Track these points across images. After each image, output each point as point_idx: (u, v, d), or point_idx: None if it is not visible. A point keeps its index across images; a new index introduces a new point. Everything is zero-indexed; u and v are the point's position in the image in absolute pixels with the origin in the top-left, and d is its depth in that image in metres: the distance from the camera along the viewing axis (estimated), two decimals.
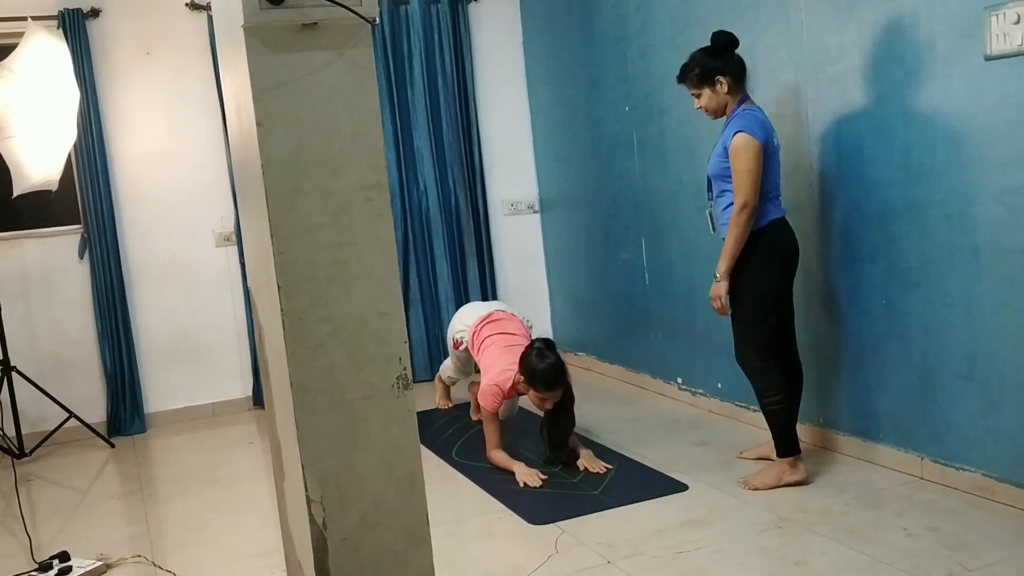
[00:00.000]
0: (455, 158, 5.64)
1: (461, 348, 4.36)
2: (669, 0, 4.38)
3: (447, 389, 4.93)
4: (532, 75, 5.83)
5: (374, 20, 1.79)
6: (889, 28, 3.26)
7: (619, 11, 4.79)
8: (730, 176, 3.32)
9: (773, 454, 3.59)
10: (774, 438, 3.43)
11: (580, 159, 5.43)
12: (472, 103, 5.68)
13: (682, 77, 3.47)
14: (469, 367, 4.54)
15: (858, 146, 3.47)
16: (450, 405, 4.93)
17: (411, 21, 5.51)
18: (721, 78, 3.35)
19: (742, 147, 3.26)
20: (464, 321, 4.36)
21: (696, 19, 4.21)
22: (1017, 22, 2.80)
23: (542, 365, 3.69)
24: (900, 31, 3.22)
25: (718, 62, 3.36)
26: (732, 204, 3.32)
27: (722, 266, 3.35)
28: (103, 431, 4.98)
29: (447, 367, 4.82)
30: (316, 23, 1.76)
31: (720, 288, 3.37)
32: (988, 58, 2.92)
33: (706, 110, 3.44)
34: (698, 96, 3.43)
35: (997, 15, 2.86)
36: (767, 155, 3.29)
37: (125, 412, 5.06)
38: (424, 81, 5.54)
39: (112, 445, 4.88)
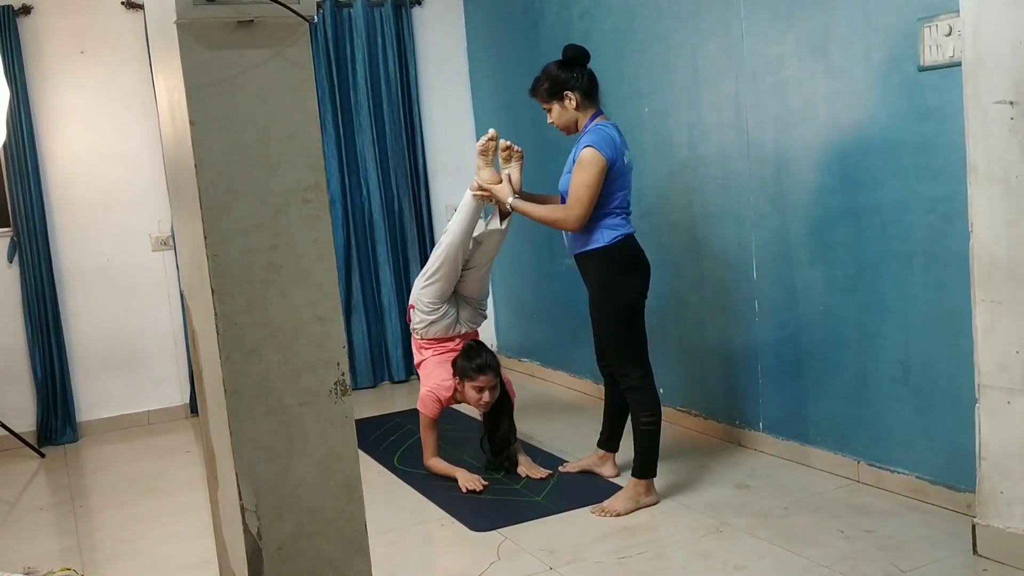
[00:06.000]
0: (399, 163, 5.60)
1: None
2: (612, 8, 4.41)
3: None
4: (476, 80, 5.82)
5: (312, 18, 1.76)
6: (827, 38, 3.31)
7: (563, 18, 4.81)
8: None
9: (599, 467, 3.70)
10: (641, 458, 3.35)
11: (524, 165, 5.42)
12: (416, 108, 5.65)
13: (533, 91, 3.39)
14: (458, 268, 3.87)
15: (796, 154, 3.52)
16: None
17: (354, 24, 5.46)
18: (570, 93, 3.29)
19: (588, 162, 3.20)
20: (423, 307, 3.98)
21: (638, 27, 4.24)
22: (949, 34, 2.87)
23: (471, 354, 3.76)
24: (837, 41, 3.28)
25: (568, 76, 3.29)
26: (588, 223, 3.26)
27: (523, 204, 3.46)
28: (33, 440, 4.82)
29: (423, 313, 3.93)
30: (252, 20, 1.72)
31: (503, 193, 3.53)
32: (921, 69, 2.99)
33: (555, 125, 3.39)
34: (549, 111, 3.37)
35: (930, 27, 2.93)
36: (614, 173, 3.24)
37: (56, 421, 4.91)
38: (367, 85, 5.49)
39: (42, 455, 4.73)
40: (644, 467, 3.36)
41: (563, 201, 3.36)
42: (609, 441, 3.71)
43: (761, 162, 3.68)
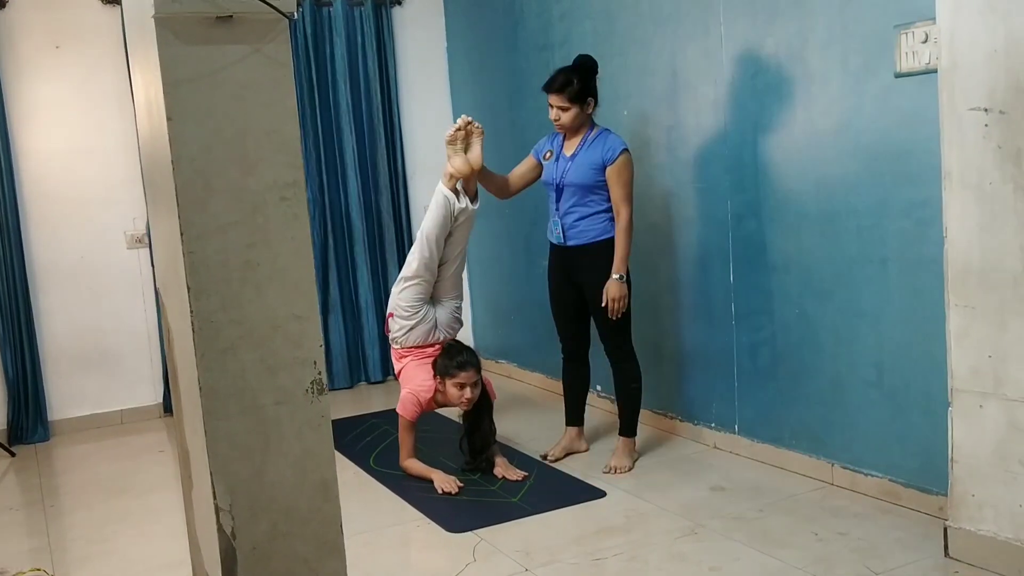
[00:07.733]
0: (378, 163, 5.58)
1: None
2: (592, 11, 4.42)
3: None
4: (456, 81, 5.81)
5: (291, 15, 1.75)
6: (805, 44, 3.34)
7: (543, 20, 4.81)
8: (601, 188, 3.61)
9: (576, 445, 4.02)
10: (630, 419, 3.80)
11: (502, 166, 5.42)
12: (395, 108, 5.63)
13: (559, 88, 3.56)
14: (435, 266, 3.88)
15: (774, 159, 3.54)
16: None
17: (334, 23, 5.43)
18: (592, 99, 3.62)
19: (626, 164, 3.59)
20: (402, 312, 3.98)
21: (619, 31, 4.25)
22: (925, 41, 2.90)
23: (451, 352, 3.81)
24: (815, 47, 3.30)
25: (593, 84, 3.61)
26: (598, 215, 3.65)
27: (623, 268, 3.65)
28: (3, 439, 4.76)
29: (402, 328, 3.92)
30: (231, 16, 1.71)
31: (624, 288, 3.67)
32: (898, 75, 3.02)
33: (563, 124, 3.61)
34: (564, 110, 3.58)
35: (906, 34, 2.96)
36: None
37: (27, 420, 4.85)
38: (347, 84, 5.47)
39: (12, 454, 4.67)
40: (633, 426, 3.81)
41: (555, 189, 3.70)
42: (579, 416, 4.04)
43: (739, 166, 3.70)
